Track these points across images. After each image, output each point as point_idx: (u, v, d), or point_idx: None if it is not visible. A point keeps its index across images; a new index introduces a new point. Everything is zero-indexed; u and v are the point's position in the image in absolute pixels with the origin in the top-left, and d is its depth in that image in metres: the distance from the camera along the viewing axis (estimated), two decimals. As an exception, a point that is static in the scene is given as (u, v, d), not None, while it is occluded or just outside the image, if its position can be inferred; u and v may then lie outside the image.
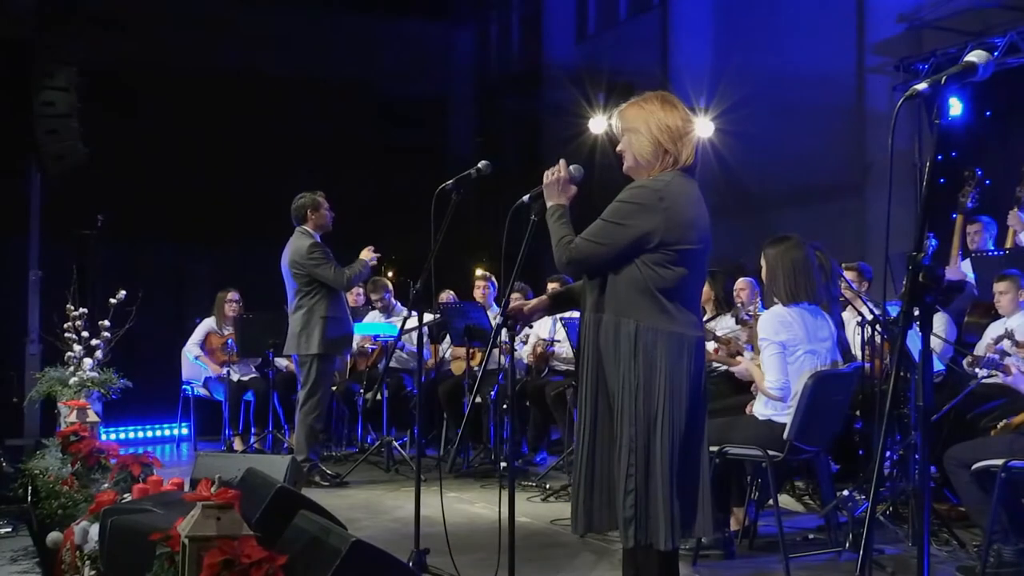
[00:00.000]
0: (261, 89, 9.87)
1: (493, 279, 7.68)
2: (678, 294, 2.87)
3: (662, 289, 2.84)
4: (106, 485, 3.69)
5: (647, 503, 2.81)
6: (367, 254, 6.26)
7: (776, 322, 4.15)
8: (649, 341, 2.82)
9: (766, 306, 4.44)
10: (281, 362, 7.70)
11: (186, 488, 3.28)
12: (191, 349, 7.87)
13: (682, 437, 2.82)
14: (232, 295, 7.93)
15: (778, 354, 4.11)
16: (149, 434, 8.47)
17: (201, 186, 9.11)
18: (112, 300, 5.34)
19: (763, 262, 4.33)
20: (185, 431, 8.31)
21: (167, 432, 8.52)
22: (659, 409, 2.82)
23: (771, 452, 4.07)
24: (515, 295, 7.46)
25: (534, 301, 3.28)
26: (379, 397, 7.01)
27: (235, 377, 7.68)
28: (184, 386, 8.03)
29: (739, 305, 5.70)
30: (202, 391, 7.94)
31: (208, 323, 7.96)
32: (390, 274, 8.02)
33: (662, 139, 2.93)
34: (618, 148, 3.04)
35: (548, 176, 3.05)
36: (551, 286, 7.35)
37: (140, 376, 5.48)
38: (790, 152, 9.47)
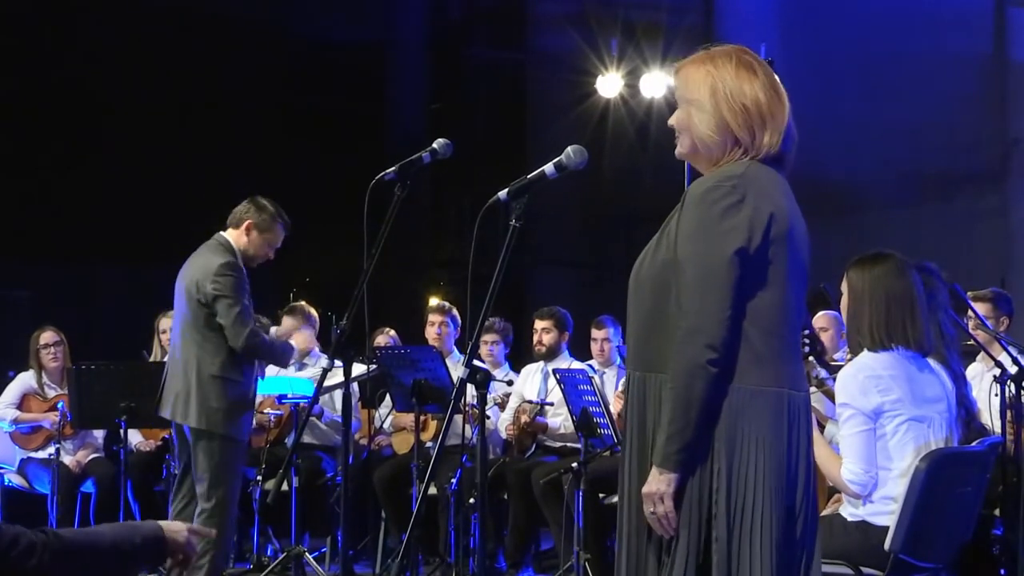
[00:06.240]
0: (118, 30, 9.81)
1: (455, 313, 7.66)
2: (770, 330, 2.92)
3: (749, 324, 2.89)
4: None
5: None
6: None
7: (861, 379, 4.15)
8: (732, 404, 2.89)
9: (852, 353, 4.46)
10: (137, 437, 7.61)
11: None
12: (4, 413, 7.78)
13: (767, 536, 2.89)
14: (47, 335, 7.81)
15: (863, 432, 4.12)
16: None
17: (22, 175, 9.05)
18: None
19: (844, 288, 4.37)
20: (-7, 540, 8.21)
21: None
22: (734, 499, 2.88)
23: (866, 570, 4.08)
24: (489, 337, 7.49)
25: None
26: (285, 487, 6.95)
27: (68, 459, 7.60)
28: (-10, 473, 7.95)
29: (811, 359, 5.68)
30: (17, 480, 7.86)
31: (25, 379, 7.88)
32: (302, 304, 7.94)
33: (733, 121, 2.99)
34: (670, 121, 3.11)
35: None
36: (540, 325, 7.36)
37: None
38: (892, 126, 9.52)
